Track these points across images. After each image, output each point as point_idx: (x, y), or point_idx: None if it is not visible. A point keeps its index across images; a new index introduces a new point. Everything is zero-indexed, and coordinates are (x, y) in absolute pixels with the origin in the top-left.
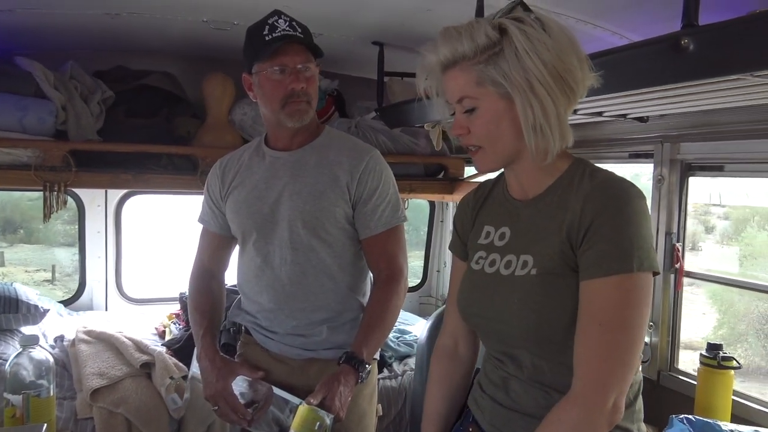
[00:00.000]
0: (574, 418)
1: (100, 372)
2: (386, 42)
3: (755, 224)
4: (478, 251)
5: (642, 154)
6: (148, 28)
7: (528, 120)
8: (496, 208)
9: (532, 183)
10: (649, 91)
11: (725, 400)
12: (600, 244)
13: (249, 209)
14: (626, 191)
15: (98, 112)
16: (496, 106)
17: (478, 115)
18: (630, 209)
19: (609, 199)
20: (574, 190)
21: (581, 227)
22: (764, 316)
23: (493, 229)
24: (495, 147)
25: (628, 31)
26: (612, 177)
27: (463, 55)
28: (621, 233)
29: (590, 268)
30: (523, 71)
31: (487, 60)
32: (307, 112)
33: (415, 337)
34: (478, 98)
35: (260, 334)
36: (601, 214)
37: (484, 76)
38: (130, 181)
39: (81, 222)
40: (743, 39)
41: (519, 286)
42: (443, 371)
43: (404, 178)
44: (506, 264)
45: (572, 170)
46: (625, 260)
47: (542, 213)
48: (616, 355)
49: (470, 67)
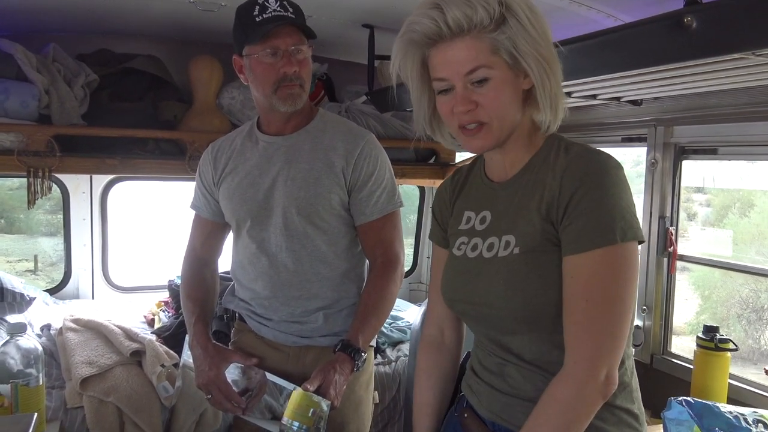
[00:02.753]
0: (568, 395)
1: (89, 360)
2: (376, 25)
3: (737, 210)
4: (460, 237)
5: (635, 137)
6: (133, 10)
7: (546, 89)
8: (474, 193)
9: (512, 160)
10: (646, 72)
11: (722, 382)
12: (581, 218)
13: (243, 196)
14: (603, 163)
15: (82, 96)
16: (507, 77)
17: (492, 86)
18: (608, 180)
19: (586, 172)
20: (550, 166)
21: (561, 202)
22: (745, 301)
23: (474, 213)
24: (503, 122)
25: (622, 13)
26: (587, 149)
27: (478, 23)
28: (601, 205)
29: (572, 243)
30: (532, 41)
31: (495, 29)
32: (300, 96)
33: (407, 323)
34: (493, 68)
35: (255, 321)
36: (579, 188)
37: (499, 45)
38: (117, 167)
39: (65, 209)
40: (746, 17)
41: (503, 267)
42: (431, 362)
43: (395, 163)
44: (489, 246)
45: (547, 146)
46: (607, 232)
47: (520, 192)
48: (605, 328)
49: (483, 35)
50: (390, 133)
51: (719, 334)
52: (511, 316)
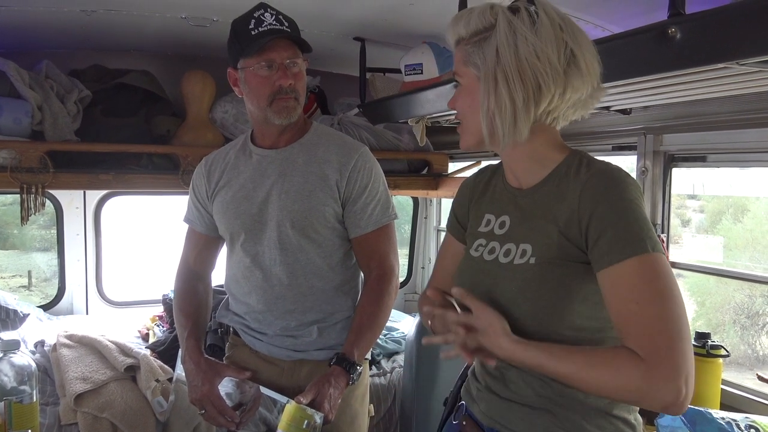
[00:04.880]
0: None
1: (83, 376)
2: (368, 38)
3: (730, 216)
4: (478, 239)
5: (625, 146)
6: (125, 26)
7: (483, 106)
8: (496, 196)
9: (525, 173)
10: (634, 82)
11: (714, 389)
12: (609, 231)
13: (237, 210)
14: (623, 179)
15: (75, 112)
16: (472, 87)
17: (459, 91)
18: (630, 195)
19: (608, 187)
20: (570, 180)
21: (582, 217)
22: (740, 306)
23: (494, 217)
24: (469, 124)
25: (610, 24)
26: (608, 166)
27: (459, 36)
28: (627, 218)
29: (606, 256)
30: (495, 60)
31: (475, 43)
32: (295, 109)
33: (402, 334)
34: (462, 76)
35: (249, 335)
36: (601, 203)
37: (468, 57)
38: (110, 182)
39: (59, 225)
40: (729, 27)
41: (518, 275)
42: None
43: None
44: (505, 252)
45: (569, 161)
46: (638, 242)
47: (540, 203)
48: (667, 329)
49: (463, 46)
50: (382, 145)
51: (711, 341)
52: (518, 322)
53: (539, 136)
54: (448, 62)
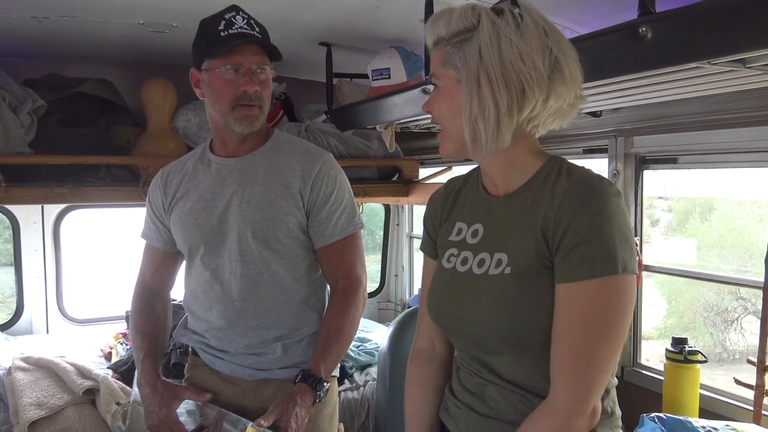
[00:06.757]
0: (554, 426)
1: (38, 402)
2: (334, 42)
3: (697, 215)
4: (450, 248)
5: (596, 149)
6: (81, 33)
7: (466, 110)
8: (468, 204)
9: (503, 179)
10: (603, 84)
11: (692, 395)
12: (582, 246)
13: (195, 221)
14: (605, 190)
15: (29, 123)
16: (451, 89)
17: (437, 93)
18: (610, 208)
19: (588, 198)
20: (549, 188)
21: (558, 226)
22: (710, 304)
23: (466, 225)
24: (449, 129)
25: (578, 25)
26: (590, 175)
27: (438, 36)
28: (603, 234)
29: (570, 270)
30: (478, 62)
31: (456, 44)
32: (257, 118)
33: (375, 345)
34: (440, 78)
35: (209, 354)
36: (580, 214)
37: (448, 58)
38: (67, 195)
39: (16, 240)
40: (701, 26)
41: (493, 286)
42: (422, 374)
43: (358, 182)
44: (479, 262)
45: (547, 167)
46: (609, 262)
47: (516, 210)
48: (600, 362)
49: (442, 47)
50: (351, 152)
51: (688, 346)
52: (496, 336)
53: (519, 143)
54: (416, 66)
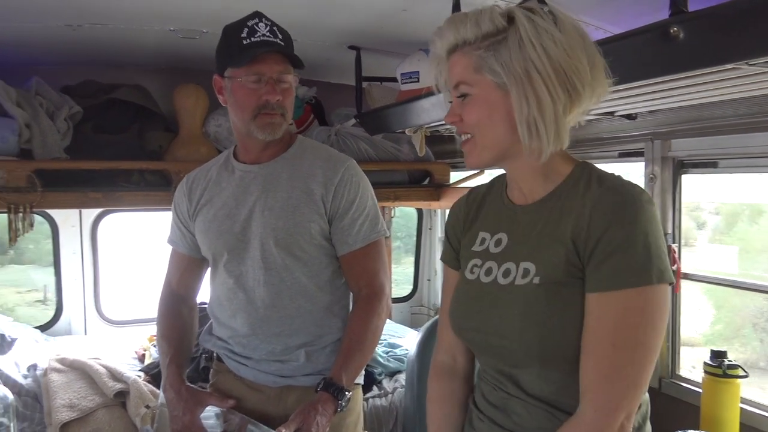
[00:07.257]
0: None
1: (70, 404)
2: (363, 46)
3: (746, 219)
4: (473, 259)
5: (632, 152)
6: (114, 40)
7: (522, 113)
8: (491, 213)
9: (532, 186)
10: (637, 86)
11: (732, 412)
12: (615, 256)
13: (219, 228)
14: (638, 197)
15: (65, 129)
16: (490, 96)
17: (471, 102)
18: (644, 217)
19: (621, 207)
20: (579, 196)
21: (590, 236)
22: (760, 310)
23: (489, 235)
24: (484, 138)
25: (611, 25)
26: (621, 182)
27: (464, 40)
28: (637, 244)
29: (603, 281)
30: (523, 61)
31: (488, 47)
32: (280, 125)
33: (405, 351)
34: (473, 85)
35: (233, 360)
36: (613, 223)
37: (483, 63)
38: (101, 200)
39: (55, 243)
40: (737, 25)
41: (521, 297)
42: (444, 390)
43: (388, 186)
44: (504, 272)
45: (576, 174)
46: (643, 272)
47: (544, 219)
48: (630, 377)
49: (470, 51)
50: (381, 156)
51: (728, 360)
52: (523, 349)
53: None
54: None
